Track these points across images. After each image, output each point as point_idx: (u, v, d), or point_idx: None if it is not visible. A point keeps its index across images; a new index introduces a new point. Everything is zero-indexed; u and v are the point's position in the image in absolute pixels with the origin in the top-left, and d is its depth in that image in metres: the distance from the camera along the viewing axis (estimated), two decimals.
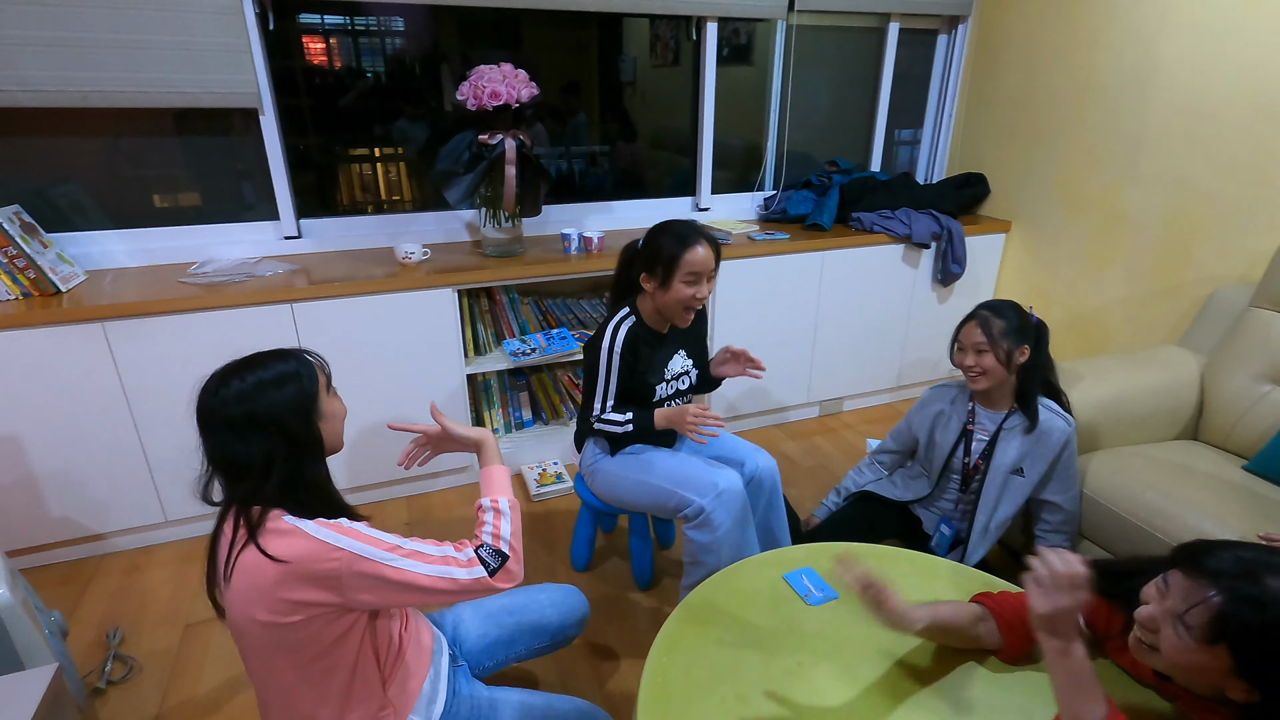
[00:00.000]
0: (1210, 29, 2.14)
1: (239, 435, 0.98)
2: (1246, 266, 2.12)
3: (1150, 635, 0.88)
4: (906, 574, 1.34)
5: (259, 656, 1.00)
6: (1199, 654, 0.82)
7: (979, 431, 1.71)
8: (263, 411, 0.99)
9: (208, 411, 1.00)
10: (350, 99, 2.42)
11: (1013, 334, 1.59)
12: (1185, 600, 0.83)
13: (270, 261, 2.24)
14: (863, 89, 3.09)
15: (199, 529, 2.20)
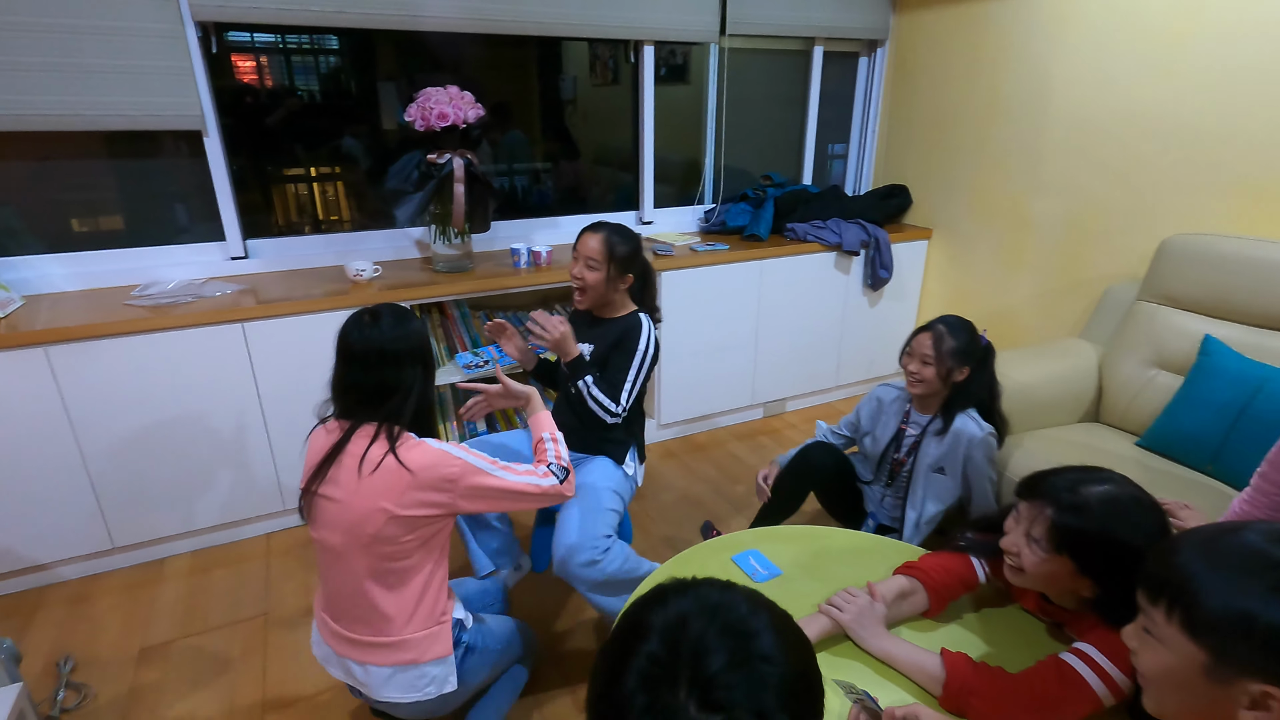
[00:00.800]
0: (1091, 53, 2.40)
1: (394, 364, 1.22)
2: (1134, 265, 2.36)
3: (1014, 558, 1.07)
4: (844, 549, 1.46)
5: (360, 548, 1.19)
6: (1049, 563, 1.01)
7: (910, 429, 1.85)
8: (413, 346, 1.25)
9: (364, 344, 1.22)
10: (278, 118, 2.43)
11: (958, 354, 1.70)
12: (1030, 520, 1.03)
13: (217, 282, 2.25)
14: (793, 107, 3.28)
15: (149, 554, 2.17)
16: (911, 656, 1.08)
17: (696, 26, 2.76)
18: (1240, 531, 0.69)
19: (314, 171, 2.60)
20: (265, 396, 2.13)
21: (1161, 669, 0.72)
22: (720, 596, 0.56)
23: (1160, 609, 0.71)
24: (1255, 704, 0.64)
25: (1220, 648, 0.66)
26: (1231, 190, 2.10)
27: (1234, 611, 0.65)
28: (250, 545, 2.26)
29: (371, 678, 1.26)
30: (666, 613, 0.55)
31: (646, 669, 0.52)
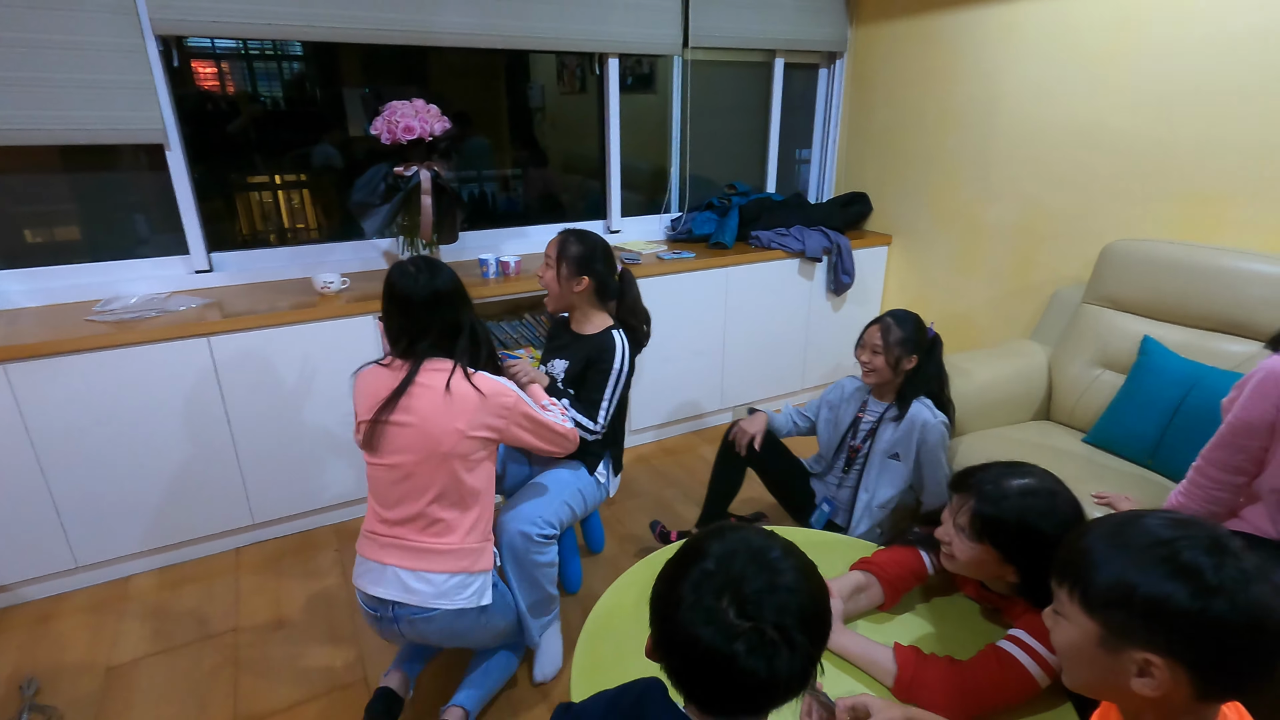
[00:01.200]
0: (1037, 67, 2.51)
1: (451, 304, 1.45)
2: (1079, 269, 2.48)
3: (948, 546, 1.15)
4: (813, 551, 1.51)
5: (433, 467, 1.38)
6: (976, 550, 1.11)
7: (867, 416, 1.94)
8: (460, 288, 1.47)
9: (420, 290, 1.41)
10: (239, 125, 2.42)
11: (906, 344, 1.82)
12: (956, 511, 1.13)
13: (181, 296, 2.23)
14: (756, 117, 3.35)
15: (114, 573, 2.14)
16: (865, 651, 1.14)
17: (660, 40, 2.81)
18: (1142, 518, 0.75)
19: (278, 179, 2.59)
20: (232, 410, 2.12)
21: (1068, 644, 0.78)
22: (762, 541, 0.74)
23: (1064, 589, 0.78)
24: (1141, 671, 0.70)
25: (1109, 620, 0.72)
26: (1168, 198, 2.22)
27: (1118, 584, 0.71)
28: (219, 561, 2.24)
29: (426, 586, 1.40)
30: (723, 544, 0.73)
31: (699, 579, 0.70)
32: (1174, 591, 0.69)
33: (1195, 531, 0.72)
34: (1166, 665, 0.69)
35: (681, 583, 0.71)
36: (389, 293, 1.44)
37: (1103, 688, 0.77)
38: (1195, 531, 0.72)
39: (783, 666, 0.67)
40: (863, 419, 1.94)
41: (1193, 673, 0.68)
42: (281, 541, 2.33)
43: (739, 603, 0.68)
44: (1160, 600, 0.69)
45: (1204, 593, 0.68)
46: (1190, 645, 0.68)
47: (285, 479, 2.26)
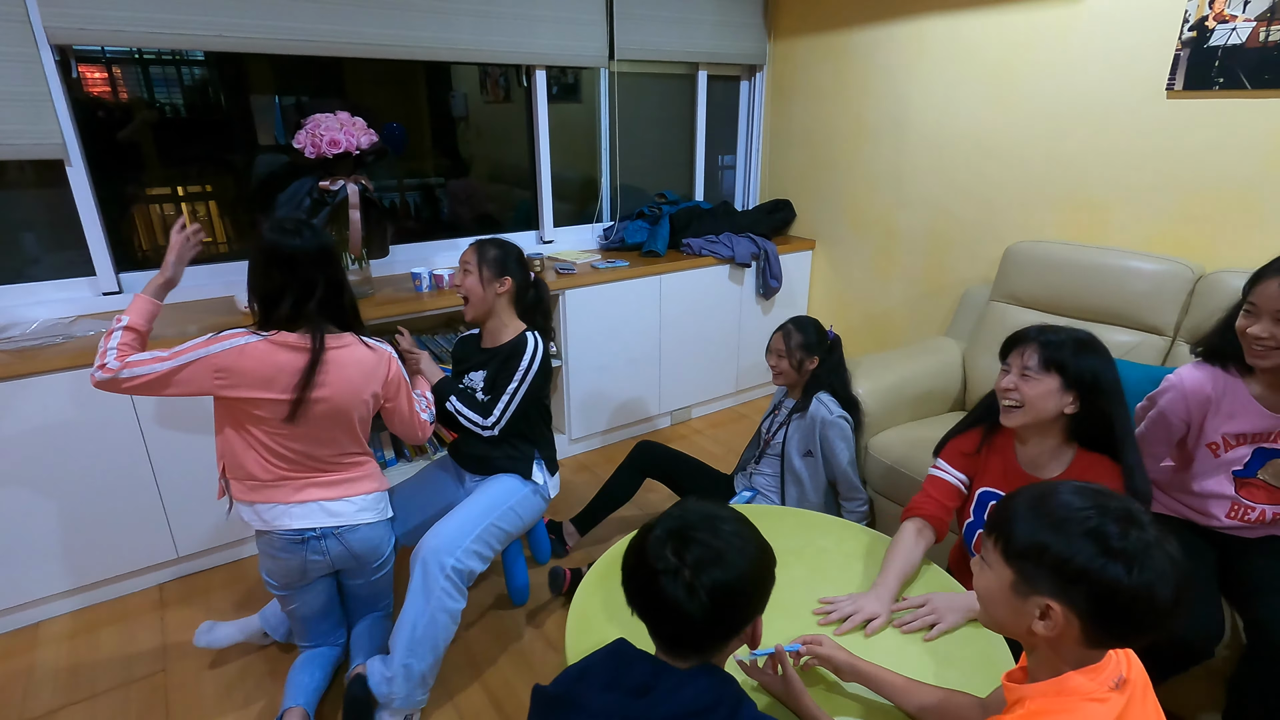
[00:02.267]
0: (942, 84, 2.69)
1: (334, 261, 1.49)
2: (985, 269, 2.67)
3: (1013, 395, 1.38)
4: (789, 528, 1.61)
5: (345, 428, 1.53)
6: (1043, 382, 1.33)
7: (780, 413, 2.05)
8: (332, 246, 1.51)
9: (309, 245, 1.45)
10: (130, 131, 2.26)
11: (805, 347, 1.95)
12: (1022, 358, 1.38)
13: (89, 320, 2.10)
14: (683, 127, 3.44)
15: (21, 619, 1.99)
16: None
17: (586, 52, 2.85)
18: (1059, 489, 0.87)
19: (180, 190, 2.43)
20: (151, 440, 2.01)
21: (987, 588, 0.90)
22: (722, 511, 0.92)
23: (991, 540, 0.89)
24: (1042, 615, 0.82)
25: (1022, 569, 0.84)
26: (1059, 204, 2.43)
27: (1034, 540, 0.83)
28: (140, 599, 2.11)
29: (349, 506, 1.57)
30: (695, 506, 0.92)
31: (664, 523, 0.89)
32: (1080, 551, 0.79)
33: (1111, 502, 0.82)
34: (1063, 612, 0.80)
35: (652, 529, 0.89)
36: (272, 254, 1.44)
37: (1010, 626, 0.88)
38: (1111, 502, 0.82)
39: (691, 607, 0.83)
40: (777, 415, 2.06)
41: (1084, 622, 0.80)
42: (209, 575, 2.22)
43: (676, 544, 0.85)
44: (1067, 557, 0.80)
45: (1106, 555, 0.78)
46: (1085, 599, 0.79)
47: (211, 507, 2.15)
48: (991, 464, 1.50)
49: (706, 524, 0.88)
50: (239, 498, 1.55)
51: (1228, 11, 1.91)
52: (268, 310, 1.47)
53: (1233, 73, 1.93)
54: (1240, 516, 1.49)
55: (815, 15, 3.13)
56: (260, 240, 1.45)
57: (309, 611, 1.68)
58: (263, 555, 1.58)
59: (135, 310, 1.50)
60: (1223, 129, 2.00)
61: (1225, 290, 1.89)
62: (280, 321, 1.46)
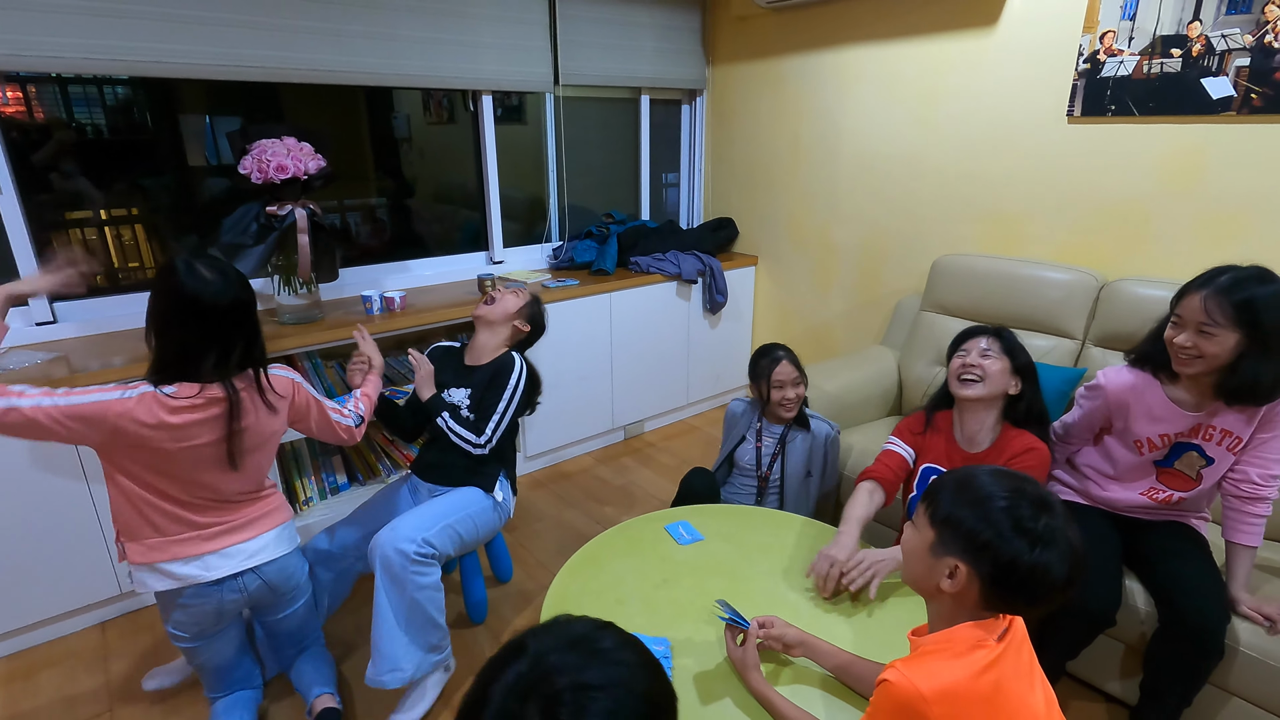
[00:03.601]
0: (870, 106, 2.86)
1: (249, 315, 1.40)
2: (915, 281, 2.83)
3: (975, 370, 1.64)
4: (760, 526, 1.73)
5: (255, 465, 1.49)
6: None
7: (766, 443, 2.05)
8: (253, 297, 1.41)
9: (227, 296, 1.34)
10: (47, 154, 2.18)
11: (803, 374, 2.04)
12: (983, 344, 1.66)
13: (23, 352, 2.03)
14: (627, 148, 3.54)
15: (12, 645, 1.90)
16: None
17: (531, 77, 2.92)
18: (986, 470, 1.01)
19: (105, 214, 2.33)
20: (91, 474, 1.95)
21: (911, 545, 1.04)
22: (588, 629, 0.64)
23: (924, 505, 1.03)
24: (950, 574, 0.96)
25: (942, 533, 0.98)
26: (979, 218, 2.61)
27: (956, 511, 0.97)
28: (82, 639, 2.04)
29: (261, 545, 1.51)
30: (545, 636, 0.63)
31: (510, 680, 0.60)
32: (992, 525, 0.93)
33: (1029, 488, 0.97)
34: (967, 573, 0.94)
35: (491, 684, 0.61)
36: (182, 302, 1.30)
37: (922, 581, 1.02)
38: (1029, 488, 0.97)
39: None
40: (762, 447, 2.04)
41: (984, 585, 0.94)
42: (154, 610, 2.16)
43: (546, 704, 0.57)
44: (979, 529, 0.94)
45: (1015, 532, 0.92)
46: (989, 565, 0.93)
47: None
48: (934, 443, 1.76)
49: (571, 647, 0.62)
50: (138, 560, 1.41)
51: (1116, 46, 2.12)
52: (174, 361, 1.34)
53: (1123, 101, 2.14)
54: (1152, 497, 1.65)
55: (751, 44, 3.29)
56: (176, 284, 1.30)
57: (222, 660, 1.61)
58: (168, 609, 1.46)
59: None
60: (1116, 151, 2.21)
61: (1125, 298, 2.08)
62: (181, 375, 1.34)
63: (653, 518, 1.77)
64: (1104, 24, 2.13)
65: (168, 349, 1.34)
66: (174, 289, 1.30)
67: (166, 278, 1.31)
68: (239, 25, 2.23)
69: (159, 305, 1.33)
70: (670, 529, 1.70)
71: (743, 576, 1.54)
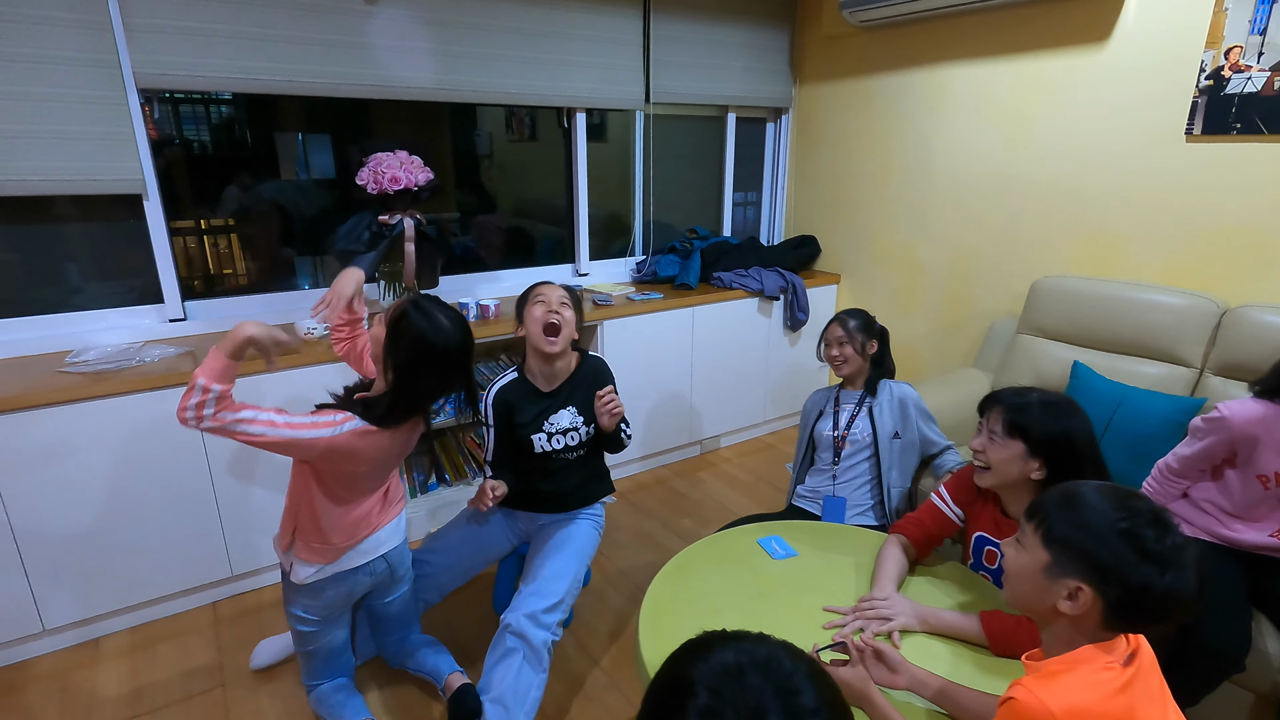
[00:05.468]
0: (964, 126, 2.81)
1: (468, 359, 1.50)
2: (1010, 303, 2.75)
3: (981, 456, 1.46)
4: (855, 546, 1.69)
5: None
6: (1006, 448, 1.39)
7: (845, 408, 2.05)
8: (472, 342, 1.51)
9: (463, 340, 1.45)
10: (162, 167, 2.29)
11: (863, 330, 2.00)
12: (990, 422, 1.45)
13: (156, 346, 2.20)
14: (710, 166, 3.58)
15: (82, 635, 2.05)
16: (954, 623, 1.32)
17: (624, 96, 3.00)
18: (1097, 487, 0.98)
19: (204, 224, 2.49)
20: (214, 462, 2.09)
21: (1019, 567, 1.01)
22: (765, 651, 0.60)
23: (1032, 524, 1.00)
24: (1070, 596, 0.93)
25: (1059, 554, 0.95)
26: (1079, 239, 2.52)
27: (1075, 529, 0.95)
28: (195, 616, 2.17)
29: (394, 528, 1.64)
30: (710, 666, 0.58)
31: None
32: (1118, 547, 0.90)
33: (1144, 505, 0.94)
34: (1092, 596, 0.91)
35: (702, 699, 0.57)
36: (421, 347, 1.38)
37: (1033, 602, 0.99)
38: (1144, 505, 0.94)
39: None
40: (840, 411, 2.05)
41: (1108, 608, 0.91)
42: (260, 594, 2.28)
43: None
44: (1101, 553, 0.91)
45: (1142, 556, 0.89)
46: (1115, 588, 0.90)
47: (265, 526, 2.22)
48: (985, 512, 1.56)
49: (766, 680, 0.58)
50: (306, 556, 1.51)
51: (1243, 62, 2.03)
52: (408, 406, 1.44)
53: (1249, 119, 2.04)
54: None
55: (840, 63, 3.28)
56: (414, 329, 1.38)
57: (335, 644, 1.67)
58: (305, 594, 1.55)
59: (218, 374, 1.29)
60: (1241, 171, 2.10)
61: (1251, 325, 1.96)
62: (408, 416, 1.46)
63: (744, 530, 1.76)
64: (1229, 39, 2.04)
65: (403, 392, 1.41)
66: (413, 334, 1.37)
67: (403, 321, 1.38)
68: (363, 47, 2.38)
69: (397, 348, 1.38)
70: (763, 542, 1.69)
71: (837, 595, 1.51)
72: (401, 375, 1.40)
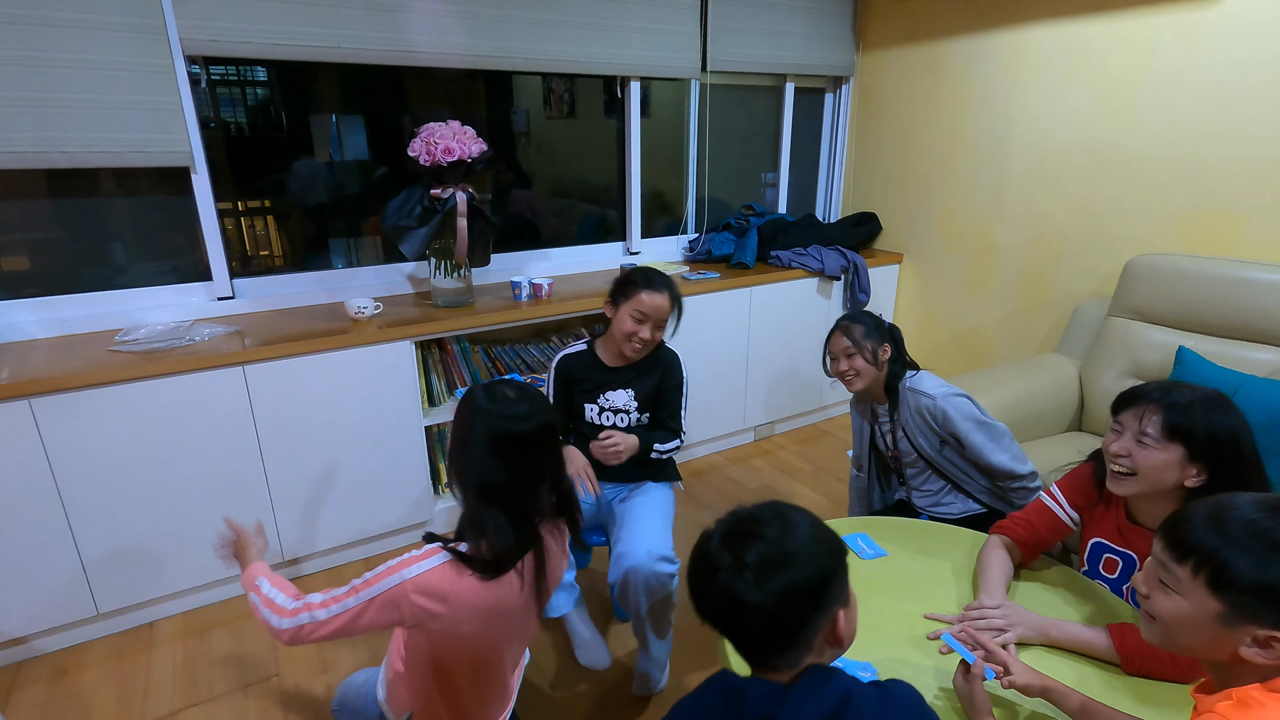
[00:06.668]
0: (1051, 93, 2.61)
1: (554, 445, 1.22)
2: (1098, 284, 2.56)
3: (1124, 461, 1.25)
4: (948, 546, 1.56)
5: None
6: (1163, 452, 1.21)
7: (882, 423, 1.86)
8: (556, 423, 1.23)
9: (539, 421, 1.14)
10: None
11: (872, 334, 1.74)
12: (1139, 422, 1.24)
13: (206, 324, 2.14)
14: (765, 140, 3.41)
15: (136, 619, 2.01)
16: (1080, 636, 1.20)
17: (680, 64, 2.85)
18: (1249, 507, 0.82)
19: (241, 205, 2.41)
20: (265, 442, 2.03)
21: (1179, 615, 0.85)
22: (782, 506, 0.87)
23: (1186, 567, 0.83)
24: (1258, 643, 0.78)
25: (1237, 602, 0.79)
26: (1182, 215, 2.31)
27: (1259, 575, 0.78)
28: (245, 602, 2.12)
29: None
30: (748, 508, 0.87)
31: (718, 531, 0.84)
32: None
33: None
34: None
35: (707, 540, 0.85)
36: (498, 437, 1.09)
37: (1204, 650, 0.85)
38: None
39: (749, 595, 0.78)
40: (881, 426, 1.88)
41: None
42: (312, 579, 2.23)
43: (732, 542, 0.81)
44: None
45: None
46: None
47: (317, 513, 2.16)
48: (1108, 517, 1.38)
49: (766, 520, 0.84)
50: None
51: None
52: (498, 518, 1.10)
53: None
54: None
55: (907, 26, 3.08)
56: (479, 419, 1.11)
57: None
58: None
59: (261, 577, 1.19)
60: None
61: None
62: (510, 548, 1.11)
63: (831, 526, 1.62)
64: None
65: (473, 490, 1.11)
66: (473, 420, 1.11)
67: (467, 409, 1.14)
68: (410, 12, 2.26)
69: (461, 436, 1.12)
70: (849, 540, 1.57)
71: (937, 601, 1.38)
72: (478, 480, 1.10)
